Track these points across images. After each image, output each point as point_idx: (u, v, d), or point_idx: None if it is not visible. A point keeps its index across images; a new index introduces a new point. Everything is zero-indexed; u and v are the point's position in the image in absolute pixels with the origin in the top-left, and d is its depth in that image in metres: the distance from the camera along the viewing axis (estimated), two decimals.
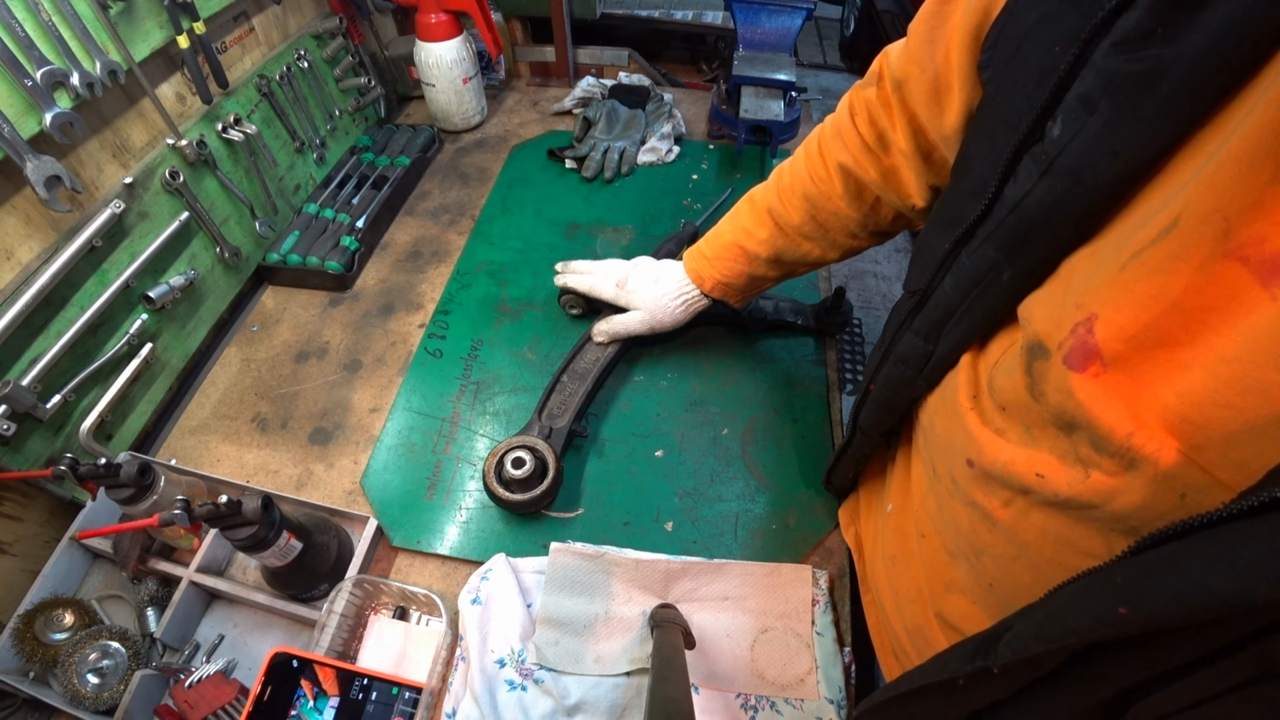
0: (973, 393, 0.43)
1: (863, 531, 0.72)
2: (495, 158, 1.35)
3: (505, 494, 0.78)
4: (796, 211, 0.72)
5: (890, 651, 0.62)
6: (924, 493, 0.53)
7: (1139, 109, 0.32)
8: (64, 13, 0.72)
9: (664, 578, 0.74)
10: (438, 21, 1.23)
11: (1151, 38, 0.31)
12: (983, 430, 0.42)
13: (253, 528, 0.64)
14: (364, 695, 0.66)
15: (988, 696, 0.38)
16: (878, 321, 2.39)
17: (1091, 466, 0.34)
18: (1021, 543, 0.40)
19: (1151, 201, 0.33)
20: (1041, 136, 0.38)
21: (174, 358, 0.94)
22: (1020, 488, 0.38)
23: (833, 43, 4.28)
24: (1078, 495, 0.35)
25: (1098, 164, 0.34)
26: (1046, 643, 0.32)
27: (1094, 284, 0.33)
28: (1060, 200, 0.36)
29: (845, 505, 0.78)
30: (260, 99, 1.05)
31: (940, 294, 0.46)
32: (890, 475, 0.63)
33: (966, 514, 0.44)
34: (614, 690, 0.68)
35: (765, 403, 0.92)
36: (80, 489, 0.77)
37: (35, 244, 0.75)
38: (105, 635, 0.72)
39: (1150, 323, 0.30)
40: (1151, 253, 0.30)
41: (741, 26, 1.28)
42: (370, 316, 1.06)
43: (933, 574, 0.51)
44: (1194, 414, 0.29)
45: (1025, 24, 0.41)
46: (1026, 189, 0.38)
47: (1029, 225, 0.38)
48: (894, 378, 0.53)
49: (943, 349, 0.47)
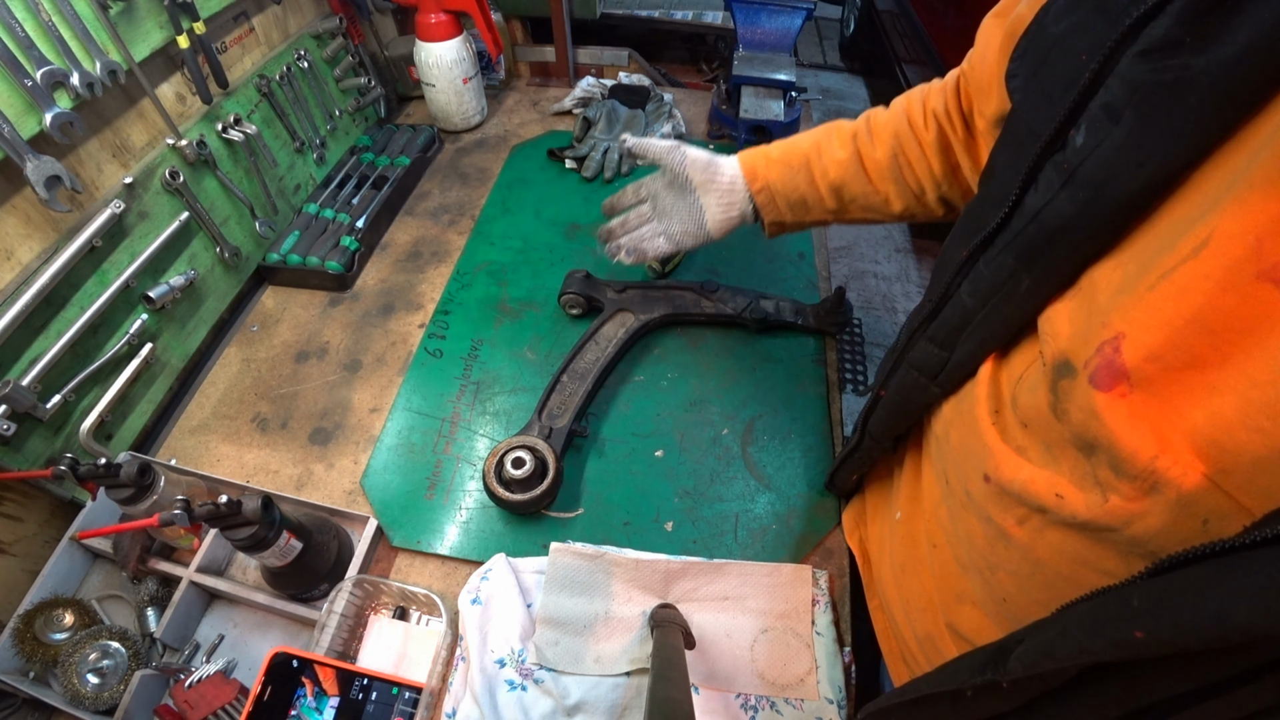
0: (994, 407, 0.43)
1: (868, 537, 0.72)
2: (495, 158, 1.35)
3: (505, 494, 0.78)
4: (882, 145, 0.69)
5: (900, 658, 0.62)
6: (936, 503, 0.52)
7: (1165, 120, 0.31)
8: (64, 13, 0.72)
9: (664, 578, 0.74)
10: (438, 21, 1.23)
11: (1180, 47, 0.30)
12: (1002, 446, 0.41)
13: (253, 528, 0.64)
14: (364, 695, 0.66)
15: (995, 708, 0.38)
16: (878, 321, 2.39)
17: (1110, 490, 0.33)
18: (1037, 560, 0.39)
19: (1177, 217, 0.32)
20: (1064, 145, 0.37)
21: (174, 358, 0.94)
22: (1037, 506, 0.38)
23: (833, 43, 4.28)
24: (1096, 518, 0.34)
25: (1120, 174, 0.33)
26: (1057, 661, 0.31)
27: (1121, 302, 0.33)
28: (1081, 210, 0.35)
29: (849, 509, 0.78)
30: (260, 99, 1.05)
31: (957, 301, 0.46)
32: (898, 482, 0.63)
33: (981, 529, 0.43)
34: (614, 690, 0.68)
35: (765, 403, 0.92)
36: (80, 489, 0.77)
37: (35, 244, 0.75)
38: (105, 635, 0.72)
39: (1179, 343, 0.30)
40: (1181, 272, 0.30)
41: (741, 26, 1.28)
42: (370, 316, 1.06)
43: (944, 584, 0.50)
44: (1222, 438, 0.28)
45: (1054, 34, 0.40)
46: (1047, 198, 0.37)
47: (1048, 235, 0.37)
48: (907, 384, 0.52)
49: (958, 356, 0.47)
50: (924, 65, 2.64)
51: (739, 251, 1.14)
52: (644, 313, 0.97)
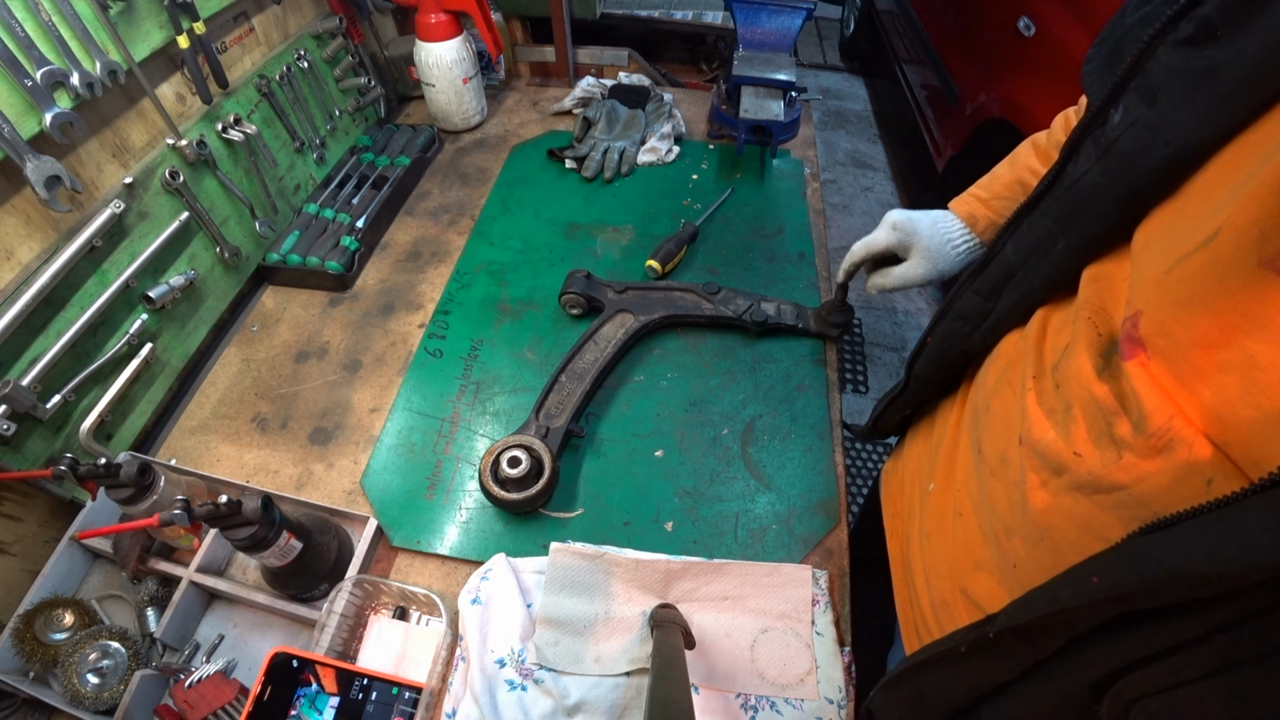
0: (1035, 373, 0.47)
1: (900, 511, 0.73)
2: (495, 158, 1.35)
3: (501, 493, 0.78)
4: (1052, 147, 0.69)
5: (914, 629, 0.64)
6: (968, 474, 0.55)
7: (1192, 102, 0.35)
8: (64, 13, 0.72)
9: (664, 578, 0.74)
10: (438, 21, 1.23)
11: (1214, 39, 0.34)
12: (1036, 409, 0.45)
13: (253, 528, 0.64)
14: (364, 695, 0.66)
15: (995, 676, 0.42)
16: (878, 321, 2.38)
17: (1125, 448, 0.36)
18: (1048, 526, 0.42)
19: (1195, 210, 0.35)
20: (1105, 122, 0.42)
21: (174, 358, 0.94)
22: (1057, 466, 0.41)
23: (833, 43, 4.27)
24: (1109, 475, 0.37)
25: (1150, 149, 0.37)
26: (1033, 610, 0.37)
27: (1141, 282, 0.37)
28: (1111, 180, 0.40)
29: (887, 483, 0.79)
30: (260, 99, 1.05)
31: (1002, 257, 0.51)
32: (937, 454, 0.65)
33: (1005, 494, 0.47)
34: (614, 690, 0.68)
35: (765, 403, 0.92)
36: (80, 489, 0.77)
37: (35, 244, 0.75)
38: (105, 635, 0.72)
39: (1189, 323, 0.33)
40: (1195, 259, 0.33)
41: (741, 26, 1.28)
42: (370, 316, 1.06)
43: (965, 552, 0.53)
44: (1227, 413, 0.31)
45: (1129, 24, 0.45)
46: (1085, 169, 0.42)
47: (1083, 201, 0.42)
48: (951, 332, 0.58)
49: (1001, 307, 0.52)
50: (924, 65, 2.64)
51: (739, 251, 1.14)
52: (644, 313, 0.97)
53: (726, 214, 1.21)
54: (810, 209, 1.23)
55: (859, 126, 3.42)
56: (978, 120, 2.06)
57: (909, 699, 0.52)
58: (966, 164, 2.18)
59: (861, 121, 3.46)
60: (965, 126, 2.15)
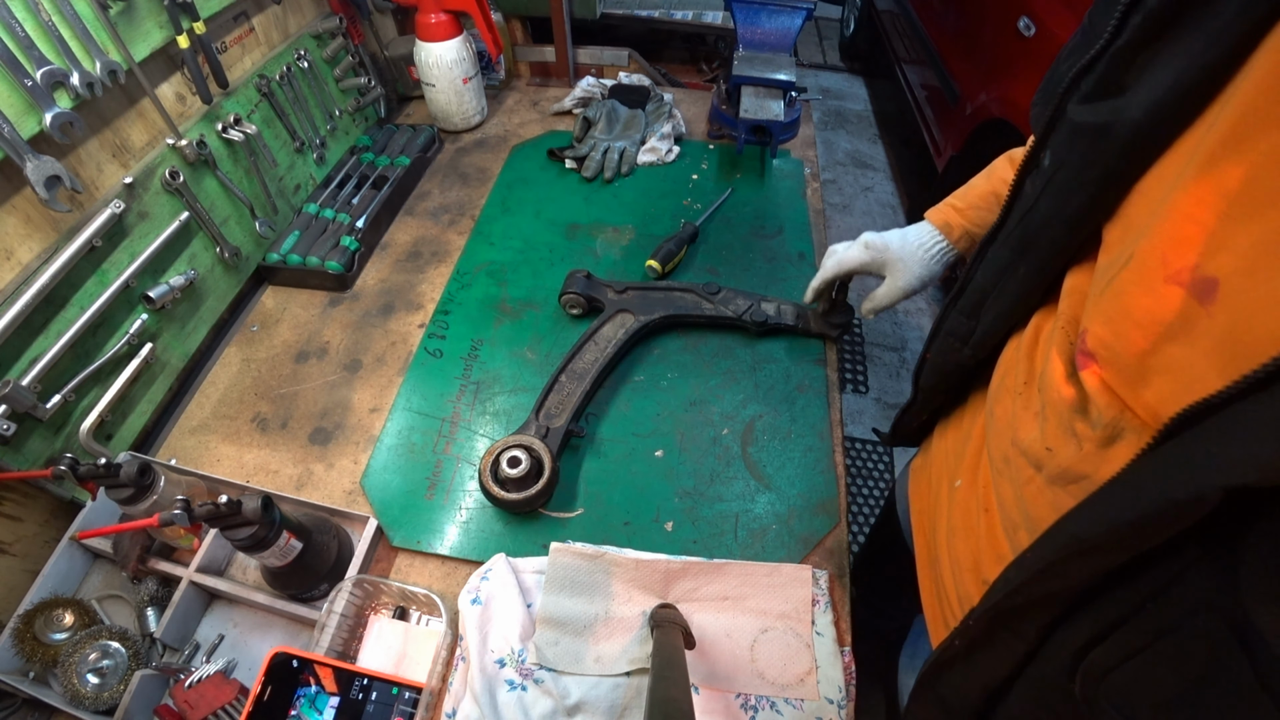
0: (1025, 378, 0.51)
1: (926, 508, 0.74)
2: (495, 158, 1.35)
3: (501, 493, 0.78)
4: None
5: (942, 621, 0.65)
6: (989, 473, 0.58)
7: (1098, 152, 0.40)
8: (64, 13, 0.72)
9: (664, 578, 0.74)
10: (438, 21, 1.23)
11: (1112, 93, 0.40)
12: (1024, 412, 0.49)
13: (253, 528, 0.64)
14: (364, 695, 0.66)
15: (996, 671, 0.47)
16: (878, 321, 2.38)
17: (1084, 440, 0.41)
18: (1039, 519, 0.46)
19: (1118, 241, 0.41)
20: (1038, 165, 0.48)
21: (174, 358, 0.94)
22: (1037, 462, 0.46)
23: (833, 43, 4.27)
24: (1075, 466, 0.42)
25: (1073, 193, 0.43)
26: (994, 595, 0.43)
27: (1087, 304, 0.42)
28: (1049, 218, 0.46)
29: (914, 480, 0.80)
30: (260, 99, 1.05)
31: (976, 282, 0.57)
32: (965, 452, 0.67)
33: (1011, 491, 0.50)
34: (614, 690, 0.68)
35: (765, 403, 0.92)
36: (80, 489, 0.77)
37: (35, 244, 0.75)
38: (105, 635, 0.72)
39: (1122, 334, 0.37)
40: (1119, 280, 0.38)
41: (741, 26, 1.28)
42: (370, 316, 1.06)
43: (989, 546, 0.55)
44: (1164, 410, 0.35)
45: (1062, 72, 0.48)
46: (1028, 206, 0.48)
47: (1031, 234, 0.48)
48: (945, 348, 0.63)
49: (983, 324, 0.57)
50: (924, 65, 2.64)
51: (739, 251, 1.14)
52: (644, 313, 0.97)
53: (726, 214, 1.21)
54: (810, 209, 1.23)
55: (859, 126, 3.42)
56: (978, 120, 2.06)
57: (934, 706, 0.56)
58: (966, 164, 2.17)
59: (861, 121, 3.46)
60: (965, 126, 2.15)
